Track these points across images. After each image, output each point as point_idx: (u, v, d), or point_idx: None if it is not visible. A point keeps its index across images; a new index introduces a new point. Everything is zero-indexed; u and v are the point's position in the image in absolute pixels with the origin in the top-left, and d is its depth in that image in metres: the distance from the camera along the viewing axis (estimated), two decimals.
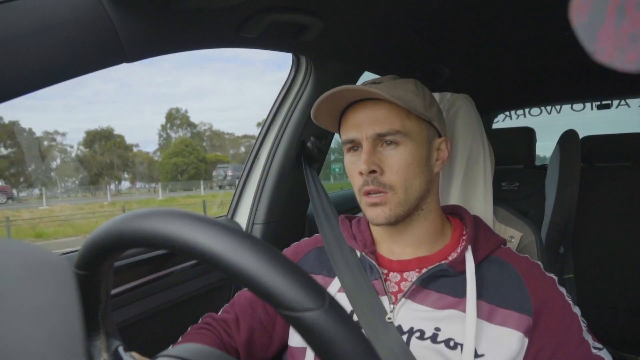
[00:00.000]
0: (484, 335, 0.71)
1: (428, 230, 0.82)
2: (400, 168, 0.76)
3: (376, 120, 0.76)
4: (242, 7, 0.83)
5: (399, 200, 0.76)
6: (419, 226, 0.81)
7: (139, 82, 55.28)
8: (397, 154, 0.76)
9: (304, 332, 0.32)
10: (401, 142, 0.76)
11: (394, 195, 0.76)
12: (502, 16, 1.28)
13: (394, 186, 0.76)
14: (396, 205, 0.76)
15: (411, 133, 0.77)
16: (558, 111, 2.80)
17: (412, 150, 0.76)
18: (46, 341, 0.25)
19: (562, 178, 1.76)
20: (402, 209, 0.77)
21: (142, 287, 1.00)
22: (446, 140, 0.83)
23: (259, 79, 60.36)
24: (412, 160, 0.76)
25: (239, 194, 1.38)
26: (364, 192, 0.77)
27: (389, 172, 0.76)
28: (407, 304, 0.76)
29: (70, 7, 0.61)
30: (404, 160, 0.76)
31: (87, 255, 0.39)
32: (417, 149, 0.77)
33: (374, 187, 0.76)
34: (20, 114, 35.57)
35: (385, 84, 0.80)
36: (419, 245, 0.82)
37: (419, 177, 0.77)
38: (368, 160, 0.75)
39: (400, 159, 0.76)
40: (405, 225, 0.81)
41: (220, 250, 0.33)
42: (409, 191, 0.77)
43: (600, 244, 2.17)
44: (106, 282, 0.43)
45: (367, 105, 0.78)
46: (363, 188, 0.77)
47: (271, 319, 0.88)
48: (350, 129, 0.79)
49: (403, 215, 0.78)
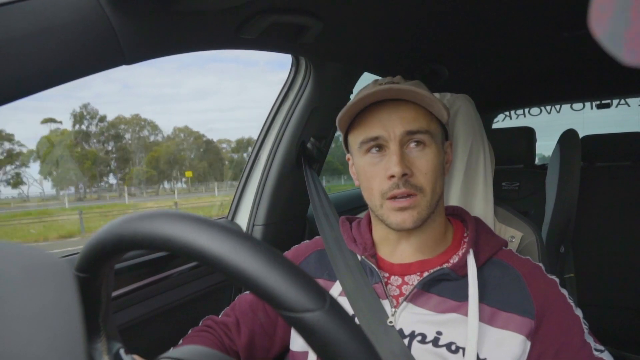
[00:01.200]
0: (486, 339, 0.71)
1: (433, 233, 0.81)
2: (429, 170, 0.74)
3: (404, 118, 0.74)
4: (242, 8, 0.83)
5: (427, 202, 0.75)
6: (427, 229, 0.80)
7: (142, 83, 55.31)
8: (424, 155, 0.75)
9: (305, 333, 0.32)
10: (428, 143, 0.75)
11: (423, 197, 0.74)
12: (502, 16, 1.28)
13: (424, 188, 0.74)
14: (424, 208, 0.75)
15: (435, 134, 0.77)
16: (558, 111, 2.80)
17: (436, 152, 0.76)
18: (47, 344, 0.25)
19: (562, 177, 1.76)
20: (428, 211, 0.75)
21: (142, 290, 1.00)
22: (450, 143, 0.84)
23: (260, 79, 60.48)
24: (437, 162, 0.76)
25: (239, 196, 1.38)
26: (391, 195, 0.74)
27: (419, 174, 0.74)
28: (409, 307, 0.76)
29: (69, 9, 0.61)
30: (430, 161, 0.75)
31: (88, 258, 0.39)
32: (439, 151, 0.77)
33: (405, 190, 0.73)
34: (23, 115, 35.67)
35: (406, 83, 0.79)
36: (421, 248, 0.81)
37: (440, 179, 0.77)
38: (401, 162, 0.72)
39: (428, 160, 0.75)
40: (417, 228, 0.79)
41: (220, 252, 0.33)
42: (434, 193, 0.76)
43: (600, 243, 2.17)
44: (107, 284, 0.43)
45: (390, 105, 0.76)
46: (391, 192, 0.73)
47: (272, 322, 0.88)
48: (372, 126, 0.76)
49: (426, 218, 0.76)
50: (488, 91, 2.33)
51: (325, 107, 1.35)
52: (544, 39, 1.54)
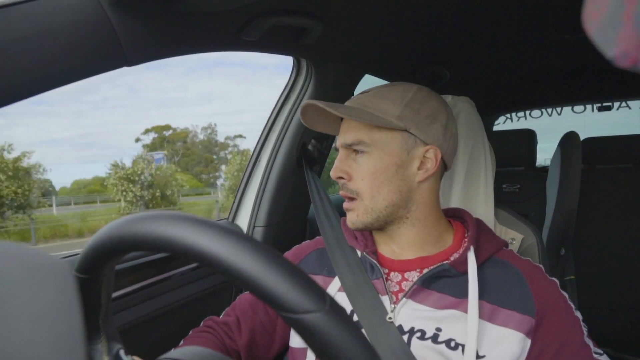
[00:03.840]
0: (486, 336, 0.71)
1: (421, 235, 0.81)
2: (366, 176, 0.78)
3: (348, 130, 0.80)
4: (243, 10, 0.83)
5: (365, 207, 0.78)
6: (408, 232, 0.81)
7: (148, 87, 55.52)
8: (363, 161, 0.79)
9: (305, 334, 0.32)
10: (367, 151, 0.78)
11: (361, 202, 0.78)
12: (503, 19, 1.28)
13: (360, 193, 0.78)
14: (363, 212, 0.79)
15: (378, 142, 0.77)
16: (559, 113, 2.80)
17: (377, 159, 0.77)
18: (47, 345, 0.25)
19: (563, 180, 1.76)
20: (370, 216, 0.78)
21: (143, 290, 1.00)
22: (434, 148, 0.79)
23: (267, 82, 60.48)
24: (377, 168, 0.77)
25: (240, 197, 1.38)
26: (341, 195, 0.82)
27: (356, 179, 0.79)
28: (408, 303, 0.76)
29: (71, 11, 0.61)
30: (368, 168, 0.78)
31: (88, 259, 0.39)
32: (384, 158, 0.77)
33: (344, 192, 0.80)
34: (30, 119, 35.82)
35: (370, 93, 0.82)
36: (421, 245, 0.81)
37: (386, 186, 0.77)
38: (336, 167, 0.81)
39: (366, 166, 0.78)
40: (392, 231, 0.82)
41: (220, 253, 0.33)
42: (376, 199, 0.78)
43: (601, 245, 2.16)
44: (107, 285, 0.43)
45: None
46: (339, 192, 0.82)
47: (272, 320, 0.88)
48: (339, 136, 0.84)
49: (372, 222, 0.79)
50: (489, 93, 2.33)
51: None
52: (545, 42, 1.54)
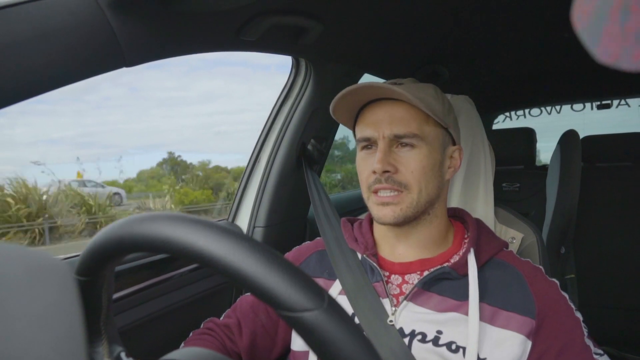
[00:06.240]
0: (486, 338, 0.71)
1: (432, 234, 0.82)
2: (416, 169, 0.75)
3: (394, 120, 0.76)
4: (242, 10, 0.83)
5: (411, 200, 0.76)
6: (424, 230, 0.81)
7: (149, 86, 55.19)
8: (412, 155, 0.76)
9: (304, 332, 0.32)
10: (417, 145, 0.76)
11: (408, 194, 0.75)
12: (502, 17, 1.28)
13: (409, 185, 0.75)
14: (408, 206, 0.76)
15: (428, 137, 0.77)
16: (558, 111, 2.80)
17: (427, 154, 0.76)
18: (48, 347, 0.25)
19: (562, 178, 1.76)
20: (413, 210, 0.76)
21: (143, 292, 1.00)
22: (460, 149, 0.83)
23: (269, 81, 60.13)
24: (427, 163, 0.76)
25: (239, 197, 1.38)
26: (374, 189, 0.76)
27: (405, 171, 0.75)
28: (409, 306, 0.76)
29: (69, 12, 0.61)
30: (419, 161, 0.76)
31: (88, 261, 0.39)
32: (432, 154, 0.77)
33: (389, 185, 0.75)
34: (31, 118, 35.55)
35: (406, 85, 0.79)
36: (421, 248, 0.81)
37: (431, 182, 0.77)
38: (383, 160, 0.74)
39: (416, 160, 0.76)
40: (410, 228, 0.80)
41: (218, 253, 0.33)
42: (422, 193, 0.76)
43: (601, 243, 2.16)
44: (107, 287, 0.43)
45: (386, 104, 0.78)
46: (374, 186, 0.76)
47: (273, 323, 0.87)
48: (366, 127, 0.79)
49: (411, 217, 0.77)
50: (488, 92, 2.33)
51: (325, 108, 1.35)
52: (544, 40, 1.54)
